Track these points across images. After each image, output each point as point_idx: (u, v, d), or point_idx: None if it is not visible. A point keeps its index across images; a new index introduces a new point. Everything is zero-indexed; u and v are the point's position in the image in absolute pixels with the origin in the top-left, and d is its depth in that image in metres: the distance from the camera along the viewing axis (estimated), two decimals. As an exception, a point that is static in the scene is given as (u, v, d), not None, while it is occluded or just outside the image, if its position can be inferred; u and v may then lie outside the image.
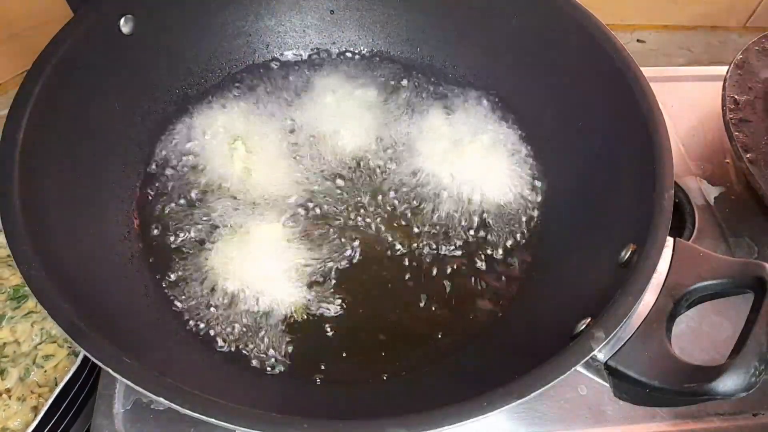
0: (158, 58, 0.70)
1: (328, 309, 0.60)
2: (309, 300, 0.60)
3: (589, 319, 0.48)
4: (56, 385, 0.55)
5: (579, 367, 0.45)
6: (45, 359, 0.59)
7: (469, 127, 0.75)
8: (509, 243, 0.66)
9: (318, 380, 0.56)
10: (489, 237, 0.67)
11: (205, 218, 0.65)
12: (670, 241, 0.50)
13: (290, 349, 0.58)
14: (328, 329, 0.59)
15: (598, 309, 0.47)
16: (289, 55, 0.81)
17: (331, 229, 0.66)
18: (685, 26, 1.12)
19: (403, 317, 0.61)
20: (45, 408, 0.53)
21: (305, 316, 0.60)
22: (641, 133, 0.57)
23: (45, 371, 0.59)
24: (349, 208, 0.67)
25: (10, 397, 0.57)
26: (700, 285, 0.49)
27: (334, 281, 0.62)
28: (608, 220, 0.60)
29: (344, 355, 0.58)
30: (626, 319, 0.46)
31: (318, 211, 0.67)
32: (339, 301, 0.61)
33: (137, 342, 0.50)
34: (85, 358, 0.57)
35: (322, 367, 0.57)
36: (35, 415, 0.53)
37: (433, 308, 0.62)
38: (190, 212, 0.65)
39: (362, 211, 0.67)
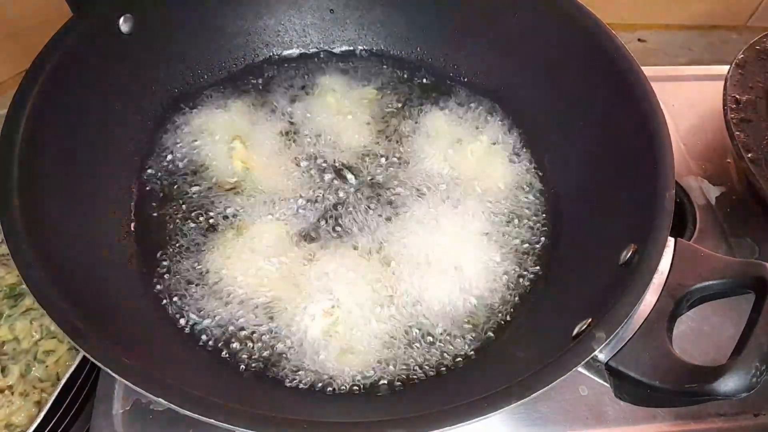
0: (157, 58, 0.70)
1: (325, 310, 0.60)
2: (306, 299, 0.60)
3: (589, 320, 0.48)
4: (58, 380, 0.55)
5: (580, 368, 0.44)
6: (46, 355, 0.59)
7: (469, 127, 0.75)
8: (508, 243, 0.66)
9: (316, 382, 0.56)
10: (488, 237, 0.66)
11: (203, 217, 0.65)
12: (671, 241, 0.50)
13: (288, 349, 0.58)
14: (326, 329, 0.59)
15: (599, 309, 0.47)
16: (288, 54, 0.80)
17: (330, 228, 0.65)
18: (687, 25, 1.12)
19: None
20: (49, 403, 0.53)
21: (303, 316, 0.59)
22: (642, 133, 0.56)
23: (46, 366, 0.59)
24: (349, 207, 0.67)
25: (12, 393, 0.57)
26: (701, 285, 0.49)
27: (332, 280, 0.62)
28: (609, 219, 0.60)
29: (342, 355, 0.58)
30: (627, 319, 0.45)
31: (317, 210, 0.66)
32: (337, 300, 0.60)
33: (136, 342, 0.50)
34: (86, 353, 0.57)
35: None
36: (39, 410, 0.53)
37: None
38: (189, 211, 0.65)
39: (362, 210, 0.67)
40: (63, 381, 0.54)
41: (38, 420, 0.53)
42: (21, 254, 0.46)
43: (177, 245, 0.63)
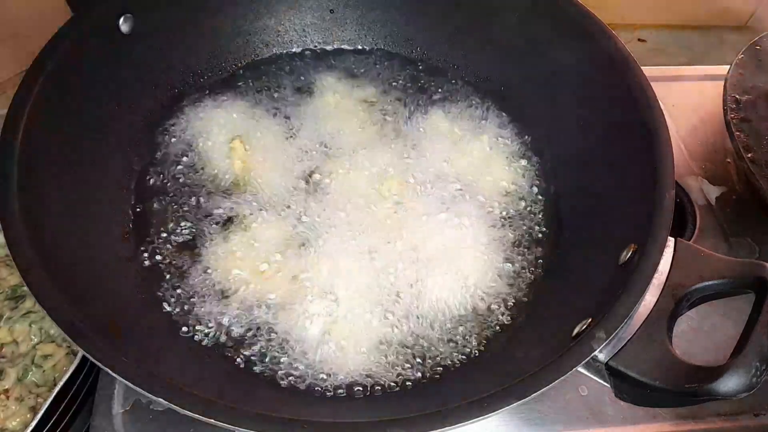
0: (157, 58, 0.70)
1: (325, 309, 0.60)
2: (306, 298, 0.60)
3: (590, 320, 0.48)
4: (55, 384, 0.55)
5: (580, 368, 0.45)
6: (43, 359, 0.59)
7: (469, 126, 0.75)
8: (508, 243, 0.66)
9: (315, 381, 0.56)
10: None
11: (203, 217, 0.65)
12: (671, 241, 0.50)
13: (288, 349, 0.58)
14: (325, 328, 0.59)
15: (599, 309, 0.47)
16: (288, 54, 0.80)
17: (330, 228, 0.65)
18: (687, 25, 1.12)
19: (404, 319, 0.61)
20: (44, 408, 0.53)
21: (302, 315, 0.59)
22: (642, 133, 0.56)
23: (44, 371, 0.59)
24: (348, 207, 0.67)
25: (8, 397, 0.57)
26: (701, 285, 0.49)
27: (332, 280, 0.62)
28: (609, 220, 0.60)
29: (341, 355, 0.58)
30: (627, 319, 0.45)
31: (316, 210, 0.66)
32: (336, 299, 0.60)
33: (136, 342, 0.50)
34: (84, 356, 0.56)
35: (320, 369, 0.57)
36: (34, 415, 0.53)
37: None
38: (189, 211, 0.65)
39: (361, 209, 0.67)
40: (58, 387, 0.54)
41: (32, 425, 0.52)
42: (21, 255, 0.46)
43: (176, 245, 0.63)
